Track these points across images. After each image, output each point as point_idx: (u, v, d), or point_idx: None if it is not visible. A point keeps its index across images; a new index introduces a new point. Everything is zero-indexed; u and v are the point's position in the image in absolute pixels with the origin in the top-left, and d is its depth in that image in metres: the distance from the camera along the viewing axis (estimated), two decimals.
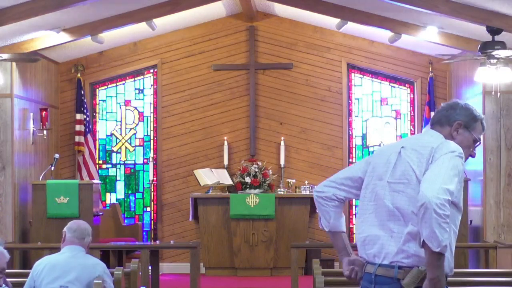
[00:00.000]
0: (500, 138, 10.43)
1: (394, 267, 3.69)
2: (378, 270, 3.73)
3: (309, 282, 8.19)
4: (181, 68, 12.59)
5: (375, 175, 3.88)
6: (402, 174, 3.77)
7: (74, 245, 5.69)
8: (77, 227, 5.75)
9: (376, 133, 12.62)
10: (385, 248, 3.74)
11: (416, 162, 3.74)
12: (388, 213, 3.76)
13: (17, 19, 8.99)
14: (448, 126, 3.87)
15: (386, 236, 3.75)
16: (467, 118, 3.88)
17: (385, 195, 3.79)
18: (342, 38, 12.46)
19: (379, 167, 3.88)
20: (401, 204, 3.73)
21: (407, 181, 3.74)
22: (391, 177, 3.80)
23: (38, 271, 5.65)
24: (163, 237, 12.39)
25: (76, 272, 5.59)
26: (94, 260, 5.75)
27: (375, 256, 3.77)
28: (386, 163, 3.85)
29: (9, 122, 10.48)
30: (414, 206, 3.65)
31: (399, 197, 3.75)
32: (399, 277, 3.67)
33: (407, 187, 3.73)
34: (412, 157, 3.77)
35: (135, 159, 12.74)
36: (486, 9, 8.81)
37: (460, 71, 11.66)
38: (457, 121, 3.86)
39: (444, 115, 3.89)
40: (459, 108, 3.89)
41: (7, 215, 10.41)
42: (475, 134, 3.89)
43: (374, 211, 3.83)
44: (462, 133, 3.87)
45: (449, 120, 3.87)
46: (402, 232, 3.70)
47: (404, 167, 3.78)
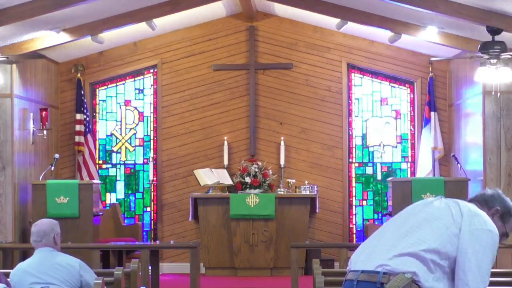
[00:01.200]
0: (500, 138, 10.43)
1: (378, 273, 3.68)
2: (360, 276, 3.73)
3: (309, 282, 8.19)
4: (181, 68, 12.59)
5: (413, 205, 3.98)
6: (438, 210, 3.83)
7: (40, 247, 5.78)
8: (34, 231, 5.87)
9: (376, 133, 12.62)
10: (376, 257, 3.74)
11: (456, 211, 3.82)
12: (403, 232, 3.80)
13: (17, 19, 8.99)
14: (486, 208, 3.96)
15: (384, 247, 3.76)
16: (505, 210, 3.99)
17: (409, 214, 3.88)
18: (342, 38, 12.46)
19: (417, 203, 3.98)
20: (423, 230, 3.77)
21: (440, 216, 3.79)
22: (424, 209, 3.87)
23: (15, 280, 5.73)
24: (163, 237, 12.39)
25: (52, 272, 5.65)
26: (67, 258, 5.78)
27: (362, 264, 3.77)
28: (425, 201, 3.96)
29: (9, 122, 10.48)
30: (433, 234, 3.73)
31: (424, 223, 3.79)
32: (383, 281, 3.66)
33: (437, 220, 3.79)
34: (455, 206, 3.85)
35: (135, 159, 12.74)
36: (486, 9, 8.81)
37: (460, 71, 11.65)
38: (497, 207, 3.97)
39: (485, 198, 4.01)
40: (500, 199, 4.01)
41: (7, 215, 10.41)
42: (507, 227, 4.01)
43: (385, 227, 3.91)
44: (497, 221, 3.96)
45: (488, 204, 3.98)
46: (406, 248, 3.71)
47: (441, 207, 3.85)
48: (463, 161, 11.17)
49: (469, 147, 11.21)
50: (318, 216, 12.26)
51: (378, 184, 12.55)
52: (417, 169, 12.22)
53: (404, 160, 12.59)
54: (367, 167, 12.60)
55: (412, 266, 3.65)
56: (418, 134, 12.34)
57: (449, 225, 3.75)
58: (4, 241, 10.19)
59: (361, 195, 12.55)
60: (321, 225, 12.35)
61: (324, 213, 12.31)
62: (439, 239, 3.72)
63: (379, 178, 12.55)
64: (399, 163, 12.58)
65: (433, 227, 3.76)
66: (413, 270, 3.64)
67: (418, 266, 3.66)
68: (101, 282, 5.67)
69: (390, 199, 10.82)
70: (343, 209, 12.40)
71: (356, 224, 12.52)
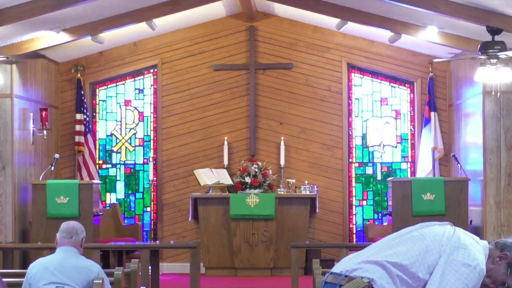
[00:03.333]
0: (500, 138, 10.43)
1: (341, 275, 3.75)
2: (328, 277, 3.82)
3: (309, 282, 8.20)
4: (181, 68, 12.59)
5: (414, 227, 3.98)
6: (432, 233, 3.81)
7: (65, 246, 5.75)
8: (65, 227, 5.81)
9: (376, 133, 12.62)
10: (350, 262, 3.80)
11: (447, 238, 3.78)
12: (387, 245, 3.83)
13: (17, 19, 8.99)
14: (499, 250, 3.89)
15: (362, 255, 3.81)
16: None
17: (404, 233, 3.87)
18: (342, 38, 12.46)
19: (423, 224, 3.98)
20: (401, 247, 3.78)
21: (426, 239, 3.78)
22: (420, 229, 3.87)
23: (33, 274, 5.68)
24: (163, 237, 12.39)
25: (71, 273, 5.62)
26: (88, 263, 5.77)
27: (336, 267, 3.84)
28: (429, 223, 3.94)
29: (9, 122, 10.48)
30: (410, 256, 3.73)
31: (408, 241, 3.79)
32: (342, 283, 3.72)
33: (421, 241, 3.78)
34: (450, 230, 3.82)
35: (135, 159, 12.74)
36: (486, 9, 8.81)
37: (460, 71, 11.65)
38: (506, 253, 3.88)
39: (504, 243, 3.92)
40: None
41: (7, 215, 10.41)
42: (509, 279, 3.90)
43: (381, 242, 3.91)
44: (500, 266, 3.88)
45: (504, 249, 3.88)
46: (375, 255, 3.75)
47: (440, 230, 3.83)
48: (463, 161, 11.17)
49: (469, 147, 11.21)
50: (318, 216, 12.26)
51: (378, 184, 12.56)
52: (417, 169, 12.22)
53: (404, 160, 12.59)
54: (367, 167, 12.60)
55: (374, 273, 3.69)
56: (418, 134, 12.34)
57: (430, 249, 3.74)
58: (4, 241, 10.19)
59: (361, 195, 12.55)
60: (321, 225, 12.35)
61: (324, 213, 12.31)
62: (412, 259, 3.72)
63: (379, 178, 12.55)
64: (399, 163, 12.59)
65: (413, 246, 3.76)
66: (372, 277, 3.67)
67: (380, 275, 3.68)
68: (101, 282, 5.66)
69: (390, 199, 10.82)
70: (343, 209, 12.40)
71: (356, 224, 12.52)
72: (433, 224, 3.89)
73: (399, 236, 3.86)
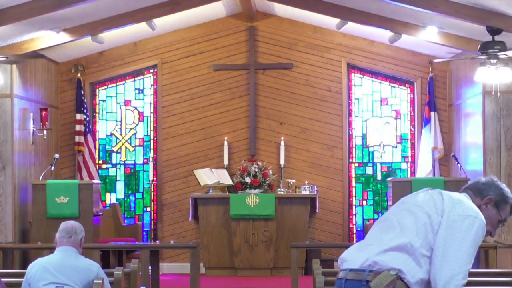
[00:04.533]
0: (500, 138, 10.43)
1: (365, 270, 3.72)
2: (348, 274, 3.78)
3: (309, 282, 8.19)
4: (181, 68, 12.59)
5: (400, 200, 3.99)
6: (421, 200, 3.85)
7: (64, 246, 5.74)
8: (64, 227, 5.80)
9: (376, 133, 12.62)
10: (364, 255, 3.77)
11: (438, 200, 3.83)
12: (387, 225, 3.83)
13: (17, 19, 8.99)
14: (479, 198, 3.96)
15: (373, 245, 3.79)
16: (499, 197, 3.98)
17: (394, 211, 3.89)
18: (342, 38, 12.46)
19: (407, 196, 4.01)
20: (405, 221, 3.79)
21: (422, 206, 3.81)
22: (408, 200, 3.91)
23: (32, 274, 5.68)
24: (163, 237, 12.39)
25: (70, 273, 5.62)
26: (87, 262, 5.77)
27: (351, 263, 3.81)
28: (412, 194, 3.98)
29: (9, 122, 10.48)
30: (417, 227, 3.74)
31: (407, 215, 3.81)
32: (368, 279, 3.70)
33: (420, 210, 3.80)
34: (438, 196, 3.86)
35: (135, 159, 12.74)
36: (486, 9, 8.81)
37: (460, 71, 11.66)
38: (489, 196, 3.96)
39: (479, 187, 4.01)
40: (494, 186, 4.01)
41: (7, 215, 10.41)
42: (502, 215, 3.98)
43: (376, 225, 3.92)
44: (491, 209, 3.95)
45: (482, 194, 3.97)
46: (391, 241, 3.74)
47: (425, 197, 3.87)
48: (463, 161, 11.18)
49: (469, 147, 11.21)
50: (318, 216, 12.26)
51: (378, 184, 12.55)
52: (417, 169, 12.22)
53: (404, 160, 12.59)
54: (367, 167, 12.60)
55: (398, 263, 3.68)
56: (418, 134, 12.34)
57: (431, 213, 3.77)
58: (4, 241, 10.19)
59: (361, 195, 12.55)
60: (321, 225, 12.35)
61: (324, 213, 12.31)
62: (422, 229, 3.74)
63: (379, 178, 12.55)
64: (399, 163, 12.59)
65: (416, 217, 3.78)
66: (399, 267, 3.66)
67: (405, 262, 3.68)
68: (101, 282, 5.66)
69: (390, 199, 10.82)
70: (343, 209, 12.40)
71: (356, 224, 12.51)
72: (415, 194, 3.92)
73: (392, 215, 3.86)
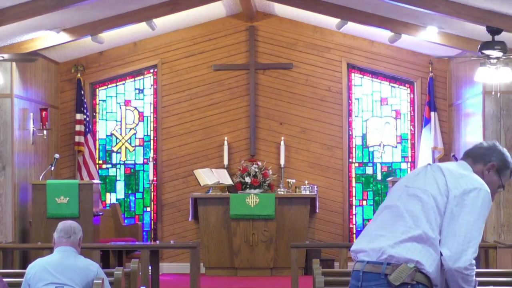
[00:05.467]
0: (500, 138, 10.43)
1: (382, 264, 3.70)
2: (366, 267, 3.75)
3: (309, 282, 8.19)
4: (181, 68, 12.59)
5: (400, 182, 3.98)
6: (423, 183, 3.83)
7: (63, 246, 5.73)
8: (62, 227, 5.78)
9: (376, 133, 12.62)
10: (378, 247, 3.75)
11: (440, 178, 3.82)
12: (396, 214, 3.81)
13: (17, 19, 8.99)
14: (482, 164, 3.95)
15: (385, 236, 3.76)
16: (501, 163, 3.96)
17: (400, 197, 3.86)
18: (342, 38, 12.46)
19: (404, 177, 4.01)
20: (413, 208, 3.77)
21: (426, 189, 3.80)
22: (410, 183, 3.87)
23: (32, 274, 5.67)
24: (163, 237, 12.39)
25: (70, 273, 5.61)
26: (87, 262, 5.76)
27: (366, 254, 3.79)
28: (411, 174, 3.97)
29: (9, 122, 10.48)
30: (426, 213, 3.72)
31: (413, 201, 3.79)
32: (387, 272, 3.68)
33: (424, 193, 3.79)
34: (438, 173, 3.85)
35: (135, 159, 12.74)
36: (486, 9, 8.81)
37: (460, 71, 11.66)
38: (492, 162, 3.94)
39: (481, 153, 3.98)
40: (496, 151, 3.98)
41: (7, 215, 10.41)
42: (503, 180, 3.98)
43: (384, 211, 3.90)
44: (492, 175, 3.95)
45: (484, 159, 3.96)
46: (405, 233, 3.72)
47: (426, 177, 3.85)
48: None
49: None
50: (318, 216, 12.26)
51: (378, 184, 12.55)
52: None
53: (404, 160, 12.59)
54: (367, 167, 12.60)
55: (415, 254, 3.67)
56: (418, 134, 12.34)
57: (436, 195, 3.76)
58: (4, 241, 10.19)
59: (361, 195, 12.55)
60: (321, 225, 12.34)
61: (324, 213, 12.31)
62: (431, 214, 3.73)
63: (379, 178, 12.55)
64: (399, 163, 12.58)
65: (422, 202, 3.76)
66: (416, 258, 3.66)
67: (421, 253, 3.67)
68: (101, 282, 5.66)
69: None
70: (343, 209, 12.40)
71: (356, 224, 12.51)
72: (416, 174, 3.88)
73: (398, 201, 3.83)
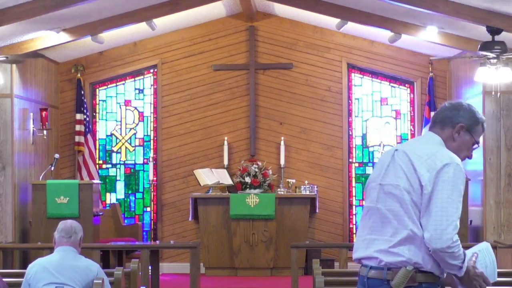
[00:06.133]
0: (500, 138, 10.43)
1: (383, 269, 3.70)
2: (369, 272, 3.75)
3: (309, 282, 8.19)
4: (181, 68, 12.59)
5: (372, 178, 3.90)
6: (394, 177, 3.76)
7: (64, 246, 5.73)
8: (63, 226, 5.79)
9: (376, 133, 12.62)
10: (377, 251, 3.74)
11: (407, 167, 3.73)
12: (381, 216, 3.77)
13: (17, 19, 8.99)
14: (450, 127, 3.84)
15: (378, 240, 3.75)
16: (470, 121, 3.84)
17: (378, 197, 3.80)
18: (342, 38, 12.46)
19: (376, 169, 3.91)
20: (393, 207, 3.73)
21: (397, 184, 3.73)
22: (383, 179, 3.80)
23: (32, 274, 5.68)
24: (163, 237, 12.39)
25: (70, 273, 5.61)
26: (87, 262, 5.76)
27: (368, 259, 3.78)
28: (381, 166, 3.86)
29: (9, 122, 10.48)
30: (405, 209, 3.68)
31: (391, 200, 3.74)
32: (388, 278, 3.69)
33: (397, 189, 3.73)
34: (404, 161, 3.75)
35: (135, 159, 12.74)
36: (486, 9, 8.81)
37: (460, 71, 11.66)
38: (460, 124, 3.83)
39: (447, 116, 3.85)
40: (462, 110, 3.85)
41: (7, 215, 10.41)
42: (476, 137, 3.88)
43: (368, 213, 3.85)
44: (463, 136, 3.85)
45: (452, 122, 3.84)
46: (394, 235, 3.70)
47: (395, 170, 3.77)
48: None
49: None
50: (318, 216, 12.26)
51: None
52: None
53: None
54: (367, 167, 12.60)
55: (410, 255, 3.66)
56: (418, 134, 12.34)
57: (407, 187, 3.69)
58: (4, 241, 10.19)
59: (361, 195, 12.55)
60: (321, 225, 12.34)
61: (324, 213, 12.31)
62: (410, 209, 3.67)
63: None
64: None
65: (399, 199, 3.70)
66: (413, 260, 3.65)
67: (415, 253, 3.66)
68: (101, 282, 5.66)
69: None
70: (343, 209, 12.40)
71: (356, 224, 12.50)
72: (385, 168, 3.80)
73: (377, 202, 3.78)
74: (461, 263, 3.62)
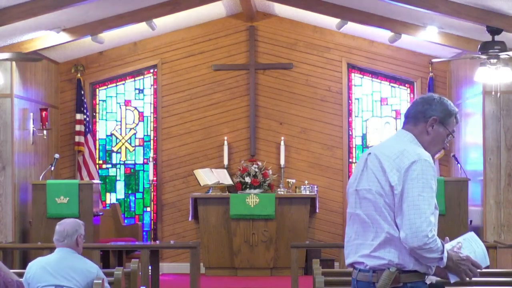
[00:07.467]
0: (500, 138, 10.43)
1: (369, 271, 3.75)
2: (358, 275, 3.80)
3: (309, 282, 8.19)
4: (181, 68, 12.59)
5: (349, 183, 3.94)
6: (367, 181, 3.78)
7: (61, 247, 5.76)
8: (57, 229, 5.85)
9: (376, 133, 12.63)
10: (361, 256, 3.78)
11: (377, 170, 3.75)
12: (361, 221, 3.80)
13: (17, 19, 8.99)
14: (423, 122, 3.86)
15: (363, 244, 3.79)
16: (443, 114, 3.85)
17: (355, 203, 3.84)
18: (342, 38, 12.46)
19: (353, 174, 3.95)
20: (369, 211, 3.76)
21: (370, 188, 3.76)
22: (358, 184, 3.84)
23: (31, 274, 5.71)
24: (163, 237, 12.39)
25: (69, 274, 5.63)
26: (86, 264, 5.77)
27: (358, 263, 3.82)
28: (356, 171, 3.90)
29: (9, 122, 10.47)
30: (379, 213, 3.71)
31: (366, 204, 3.77)
32: (373, 280, 3.73)
33: (370, 193, 3.76)
34: (375, 164, 3.78)
35: (135, 159, 12.74)
36: (486, 9, 8.81)
37: (460, 71, 11.65)
38: (433, 117, 3.84)
39: (419, 111, 3.87)
40: (434, 103, 3.86)
41: (7, 215, 10.41)
42: (450, 128, 3.88)
43: (351, 219, 3.89)
44: (437, 129, 3.85)
45: (425, 116, 3.85)
46: (375, 239, 3.74)
47: (368, 174, 3.80)
48: (463, 161, 11.17)
49: (469, 147, 11.20)
50: (318, 216, 12.26)
51: None
52: None
53: None
54: None
55: (391, 257, 3.69)
56: None
57: (379, 191, 3.71)
58: (4, 241, 10.19)
59: None
60: (321, 225, 12.35)
61: (324, 213, 12.31)
62: (384, 212, 3.70)
63: None
64: None
65: (373, 203, 3.72)
66: (395, 261, 3.68)
67: (395, 254, 3.69)
68: (101, 282, 5.67)
69: None
70: (343, 209, 12.39)
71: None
72: (360, 174, 3.81)
73: (355, 207, 3.82)
74: (440, 254, 3.63)
